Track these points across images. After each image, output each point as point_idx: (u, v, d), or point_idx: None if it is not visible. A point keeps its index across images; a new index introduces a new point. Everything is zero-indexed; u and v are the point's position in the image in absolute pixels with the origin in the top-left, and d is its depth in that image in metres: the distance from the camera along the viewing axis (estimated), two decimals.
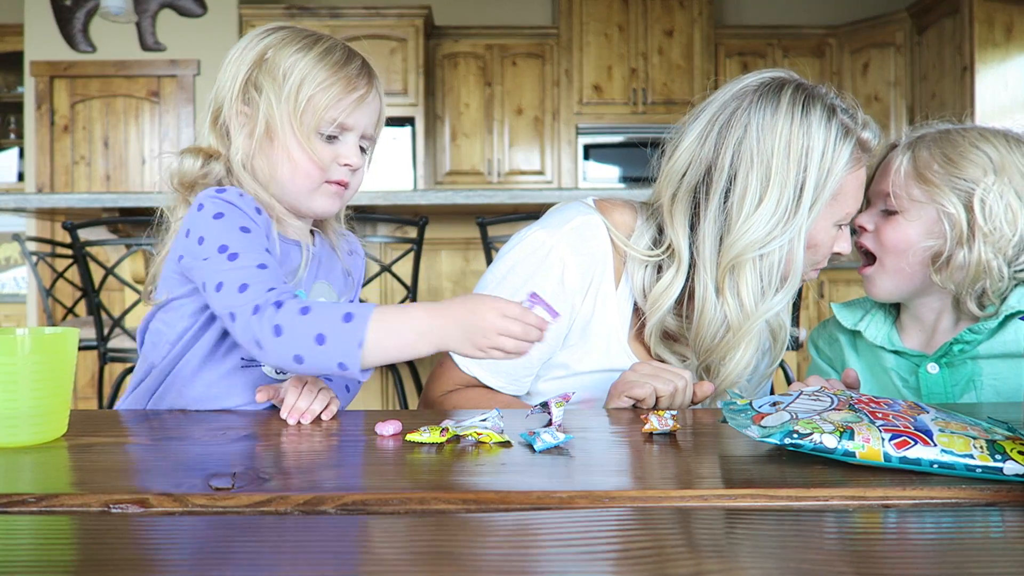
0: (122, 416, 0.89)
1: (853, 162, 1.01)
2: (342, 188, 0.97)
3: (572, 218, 1.06)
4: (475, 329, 0.78)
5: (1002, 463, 0.60)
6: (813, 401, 0.72)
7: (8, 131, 5.32)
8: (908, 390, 1.11)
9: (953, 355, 1.06)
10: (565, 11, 5.07)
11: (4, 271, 5.17)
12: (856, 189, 1.04)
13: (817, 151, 0.97)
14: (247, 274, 0.83)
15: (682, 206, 1.04)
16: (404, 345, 0.79)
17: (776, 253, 0.99)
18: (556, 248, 1.04)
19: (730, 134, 1.00)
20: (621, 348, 1.09)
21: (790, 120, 0.98)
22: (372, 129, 0.99)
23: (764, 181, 0.98)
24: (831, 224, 1.04)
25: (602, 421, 0.87)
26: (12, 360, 0.72)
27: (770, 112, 0.99)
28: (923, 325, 1.13)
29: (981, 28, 4.35)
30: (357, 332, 0.78)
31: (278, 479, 0.61)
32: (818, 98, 1.01)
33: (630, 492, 0.58)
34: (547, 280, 1.04)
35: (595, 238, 1.06)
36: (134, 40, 4.66)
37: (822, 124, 0.98)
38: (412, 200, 2.44)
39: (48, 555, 0.49)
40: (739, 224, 0.99)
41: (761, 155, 0.98)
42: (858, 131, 1.02)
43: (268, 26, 1.00)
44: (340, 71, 0.94)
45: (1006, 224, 1.01)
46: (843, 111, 1.02)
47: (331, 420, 0.85)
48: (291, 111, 0.93)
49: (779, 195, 0.97)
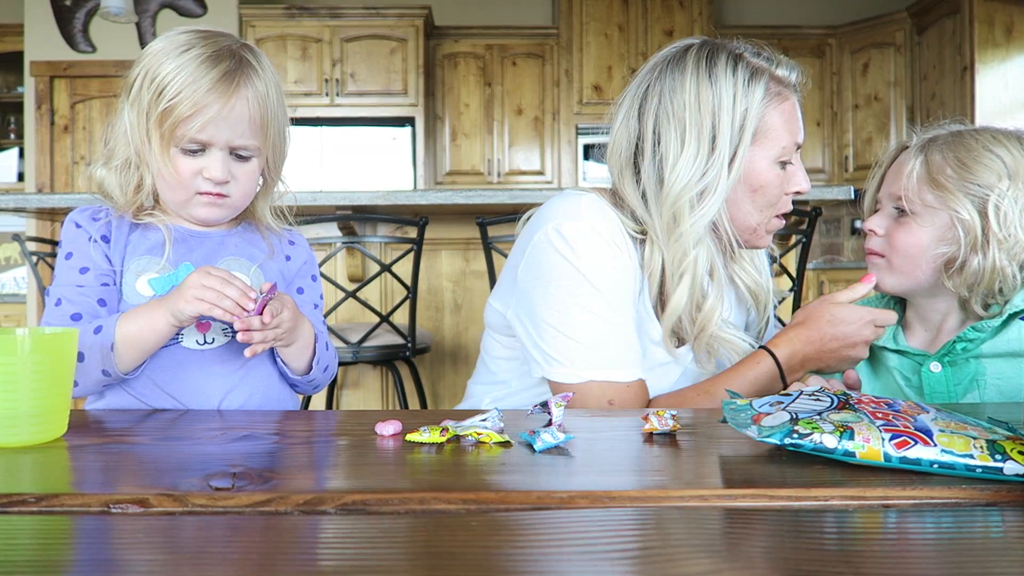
0: (122, 416, 0.89)
1: (771, 97, 1.06)
2: (218, 197, 0.98)
3: (579, 200, 1.09)
4: (181, 293, 0.89)
5: (1002, 463, 0.60)
6: (813, 401, 0.72)
7: (8, 131, 5.32)
8: (911, 389, 1.10)
9: (956, 354, 1.06)
10: (565, 11, 5.07)
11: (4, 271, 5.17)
12: (785, 123, 1.08)
13: (727, 96, 1.04)
14: (47, 311, 0.96)
15: (628, 179, 1.11)
16: (145, 327, 0.91)
17: (709, 196, 1.05)
18: (595, 226, 1.06)
19: (647, 104, 1.09)
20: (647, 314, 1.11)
21: (696, 76, 1.05)
22: (240, 140, 0.96)
23: (681, 134, 1.05)
24: (770, 162, 1.08)
25: (602, 421, 0.87)
26: (12, 360, 0.72)
27: (678, 74, 1.07)
28: (929, 325, 1.12)
29: (981, 28, 4.35)
30: (107, 338, 0.90)
31: (278, 479, 0.61)
32: (722, 49, 1.07)
33: (630, 492, 0.58)
34: (607, 256, 1.06)
35: (606, 208, 1.09)
36: (134, 40, 4.66)
37: (727, 71, 1.05)
38: (412, 200, 2.44)
39: (48, 555, 0.49)
40: (667, 175, 1.06)
41: (676, 113, 1.06)
42: (771, 68, 1.08)
43: (171, 32, 0.99)
44: (194, 83, 0.92)
45: (1020, 230, 1.00)
46: (753, 54, 1.08)
47: (331, 420, 0.85)
48: (148, 125, 0.94)
49: (696, 143, 1.04)
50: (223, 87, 0.93)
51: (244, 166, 0.99)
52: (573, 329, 1.04)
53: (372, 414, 0.87)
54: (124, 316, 0.92)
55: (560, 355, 1.05)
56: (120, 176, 0.99)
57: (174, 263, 0.99)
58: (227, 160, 0.97)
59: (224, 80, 0.93)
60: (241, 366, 0.99)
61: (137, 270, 0.98)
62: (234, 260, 1.03)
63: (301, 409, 1.06)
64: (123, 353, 0.92)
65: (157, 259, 0.99)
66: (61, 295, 0.96)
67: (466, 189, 3.02)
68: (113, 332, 0.91)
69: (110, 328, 0.91)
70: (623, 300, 1.07)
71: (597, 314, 1.04)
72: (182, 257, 1.00)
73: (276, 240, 1.08)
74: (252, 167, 1.00)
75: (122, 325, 0.92)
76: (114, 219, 1.00)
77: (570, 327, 1.04)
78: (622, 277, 1.07)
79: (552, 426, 0.75)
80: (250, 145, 0.97)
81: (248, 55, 0.98)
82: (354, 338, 2.21)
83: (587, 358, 1.04)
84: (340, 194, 2.41)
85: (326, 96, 4.81)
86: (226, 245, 1.04)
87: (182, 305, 0.89)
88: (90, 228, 0.99)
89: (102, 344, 0.91)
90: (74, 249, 0.99)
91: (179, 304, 0.89)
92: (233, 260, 1.03)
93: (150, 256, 0.99)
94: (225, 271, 0.91)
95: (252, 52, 0.99)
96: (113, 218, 1.00)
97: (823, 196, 2.39)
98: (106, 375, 0.93)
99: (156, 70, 0.94)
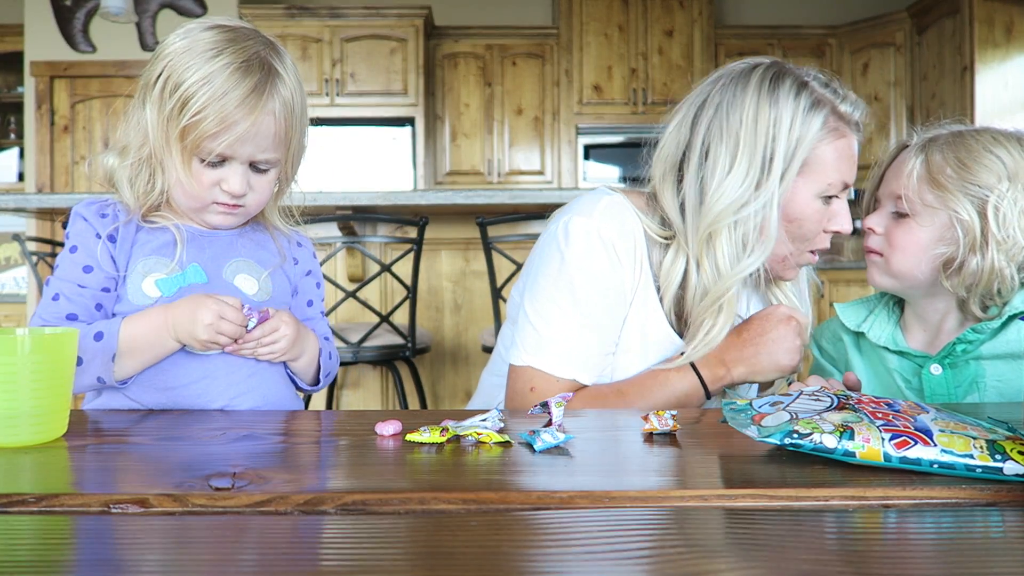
0: (122, 416, 0.89)
1: (828, 131, 1.03)
2: (233, 208, 0.97)
3: (599, 199, 1.09)
4: (196, 325, 0.89)
5: (1002, 463, 0.60)
6: (813, 401, 0.72)
7: (8, 131, 5.32)
8: (911, 391, 1.10)
9: (956, 355, 1.06)
10: (565, 11, 5.07)
11: (4, 271, 5.17)
12: (836, 160, 1.05)
13: (785, 121, 1.02)
14: (42, 302, 0.95)
15: (669, 185, 1.09)
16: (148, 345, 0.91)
17: (750, 220, 1.03)
18: (600, 229, 1.06)
19: (703, 114, 1.07)
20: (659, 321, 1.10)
21: (757, 95, 1.03)
22: (263, 155, 0.94)
23: (733, 151, 1.03)
24: (812, 195, 1.05)
25: (602, 421, 0.87)
26: (12, 360, 0.72)
27: (740, 90, 1.04)
28: (927, 325, 1.12)
29: (981, 28, 4.35)
30: (109, 346, 0.90)
31: (278, 479, 0.61)
32: (788, 74, 1.05)
33: (630, 492, 0.58)
34: (599, 260, 1.05)
35: (626, 212, 1.09)
36: (134, 40, 4.66)
37: (790, 96, 1.02)
38: (412, 200, 2.44)
39: (48, 555, 0.49)
40: (712, 192, 1.03)
41: (730, 128, 1.03)
42: (835, 102, 1.05)
43: (192, 24, 0.95)
44: (222, 99, 0.88)
45: (1019, 231, 1.00)
46: (820, 84, 1.05)
47: (331, 420, 0.85)
48: (169, 132, 0.91)
49: (748, 163, 1.02)
50: (252, 103, 0.90)
51: (263, 177, 0.97)
52: (538, 318, 1.07)
53: (372, 414, 0.87)
54: (127, 325, 0.91)
55: (521, 340, 1.08)
56: (132, 174, 0.97)
57: (183, 264, 0.98)
58: (247, 173, 0.95)
59: (253, 96, 0.90)
60: (248, 375, 0.98)
61: (144, 270, 0.96)
62: (243, 262, 1.02)
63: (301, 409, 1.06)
64: (123, 362, 0.91)
65: (165, 259, 0.97)
66: (60, 290, 0.94)
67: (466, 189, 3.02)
68: (116, 341, 0.90)
69: (112, 336, 0.90)
70: (600, 308, 1.06)
71: (567, 313, 1.05)
72: (191, 258, 0.98)
73: (285, 242, 1.08)
74: (271, 177, 0.98)
75: (127, 337, 0.90)
76: (121, 215, 0.98)
77: (536, 316, 1.07)
78: (610, 286, 1.06)
79: (552, 426, 0.75)
80: (271, 159, 0.96)
81: (275, 60, 0.94)
82: (354, 338, 2.21)
83: (538, 346, 1.06)
84: (340, 194, 2.41)
85: (326, 96, 4.81)
86: (235, 247, 1.02)
87: (189, 340, 0.90)
88: (97, 225, 0.96)
89: (104, 352, 0.90)
90: (79, 244, 0.96)
91: (186, 336, 0.90)
92: (242, 262, 1.02)
93: (158, 256, 0.97)
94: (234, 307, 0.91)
95: (278, 55, 0.96)
96: (120, 213, 0.98)
97: None
98: (100, 382, 0.91)
99: (180, 76, 0.89)
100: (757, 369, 1.07)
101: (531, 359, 1.07)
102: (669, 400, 1.05)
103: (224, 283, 0.99)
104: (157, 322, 0.91)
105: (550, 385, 1.06)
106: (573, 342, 1.06)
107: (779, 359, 1.06)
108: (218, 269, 1.00)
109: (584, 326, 1.06)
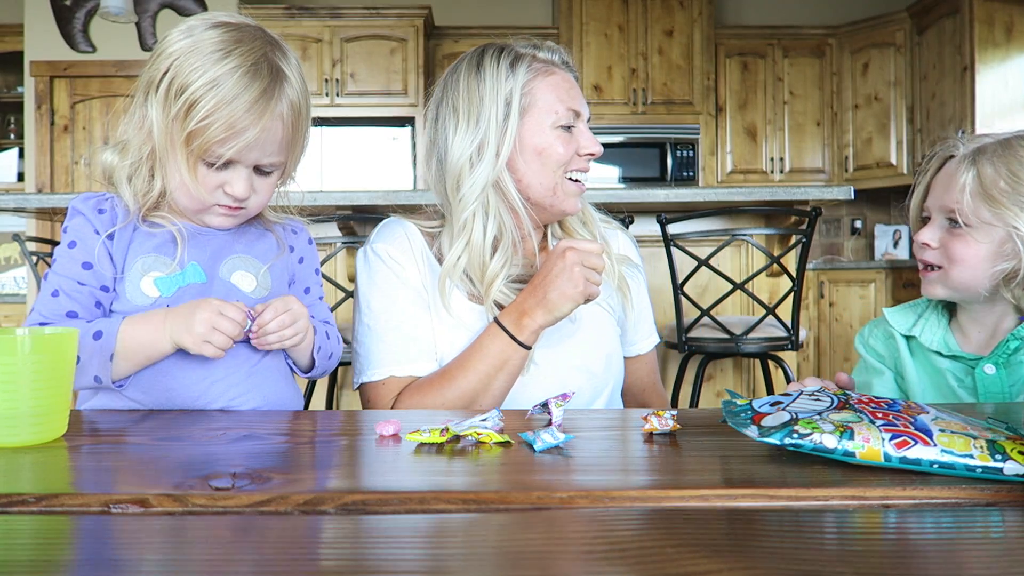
0: (122, 416, 0.89)
1: (535, 73, 1.16)
2: (235, 210, 0.97)
3: (378, 228, 1.24)
4: (193, 320, 0.88)
5: (1002, 463, 0.60)
6: (813, 401, 0.72)
7: (8, 131, 5.32)
8: (964, 390, 1.09)
9: (1009, 353, 1.05)
10: (565, 11, 5.07)
11: (4, 271, 5.17)
12: (553, 91, 1.16)
13: (491, 79, 1.15)
14: (40, 298, 0.94)
15: (437, 181, 1.21)
16: (141, 346, 0.90)
17: (482, 159, 1.14)
18: (373, 247, 1.19)
19: (437, 109, 1.20)
20: (460, 300, 1.18)
21: (466, 73, 1.17)
22: (268, 159, 0.94)
23: (455, 120, 1.16)
24: (547, 127, 1.15)
25: (602, 421, 0.87)
26: (12, 360, 0.72)
27: (452, 78, 1.19)
28: (983, 327, 1.12)
29: (981, 28, 4.35)
30: (108, 347, 0.89)
31: (278, 479, 0.61)
32: (491, 47, 1.19)
33: (630, 492, 0.58)
34: (380, 272, 1.17)
35: (398, 225, 1.22)
36: (134, 40, 4.66)
37: (493, 61, 1.16)
38: (412, 200, 2.44)
39: (48, 555, 0.49)
40: (448, 155, 1.16)
41: (452, 106, 1.17)
42: (534, 52, 1.18)
43: (195, 20, 0.94)
44: (230, 104, 0.87)
45: None
46: (521, 45, 1.19)
47: (331, 420, 0.85)
48: (174, 134, 0.90)
49: (467, 122, 1.15)
50: (260, 108, 0.89)
51: (266, 179, 0.97)
52: (356, 343, 1.21)
53: (372, 414, 0.87)
54: (127, 327, 0.90)
55: (353, 366, 1.23)
56: (131, 173, 0.96)
57: (182, 264, 0.98)
58: (251, 176, 0.94)
59: (262, 101, 0.89)
60: (248, 374, 0.98)
61: (143, 269, 0.96)
62: (240, 259, 1.02)
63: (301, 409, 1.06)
64: (121, 363, 0.91)
65: (164, 258, 0.96)
66: (59, 287, 0.94)
67: None
68: (114, 342, 0.90)
69: (111, 337, 0.90)
70: (397, 307, 1.16)
71: (370, 327, 1.17)
72: (190, 257, 0.98)
73: (281, 231, 1.08)
74: (273, 179, 0.98)
75: (125, 337, 0.90)
76: (119, 211, 0.97)
77: (355, 342, 1.21)
78: (397, 286, 1.17)
79: (552, 426, 0.75)
80: (276, 162, 0.96)
81: (281, 61, 0.94)
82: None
83: (365, 365, 1.18)
84: (340, 194, 2.41)
85: (326, 96, 4.81)
86: (234, 244, 1.02)
87: (183, 337, 0.89)
88: (96, 221, 0.95)
89: (102, 352, 0.90)
90: (78, 239, 0.95)
91: (184, 340, 0.89)
92: (239, 259, 1.02)
93: (157, 255, 0.97)
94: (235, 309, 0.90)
95: (283, 54, 0.95)
96: (118, 209, 0.97)
97: (823, 196, 2.39)
98: (97, 381, 0.91)
99: (186, 78, 0.88)
100: (551, 307, 1.10)
101: (363, 377, 1.17)
102: (492, 363, 1.10)
103: (223, 282, 0.99)
104: (156, 323, 0.91)
105: (389, 388, 1.15)
106: (388, 343, 1.15)
107: (565, 290, 1.09)
108: (216, 267, 1.00)
109: (387, 329, 1.15)
